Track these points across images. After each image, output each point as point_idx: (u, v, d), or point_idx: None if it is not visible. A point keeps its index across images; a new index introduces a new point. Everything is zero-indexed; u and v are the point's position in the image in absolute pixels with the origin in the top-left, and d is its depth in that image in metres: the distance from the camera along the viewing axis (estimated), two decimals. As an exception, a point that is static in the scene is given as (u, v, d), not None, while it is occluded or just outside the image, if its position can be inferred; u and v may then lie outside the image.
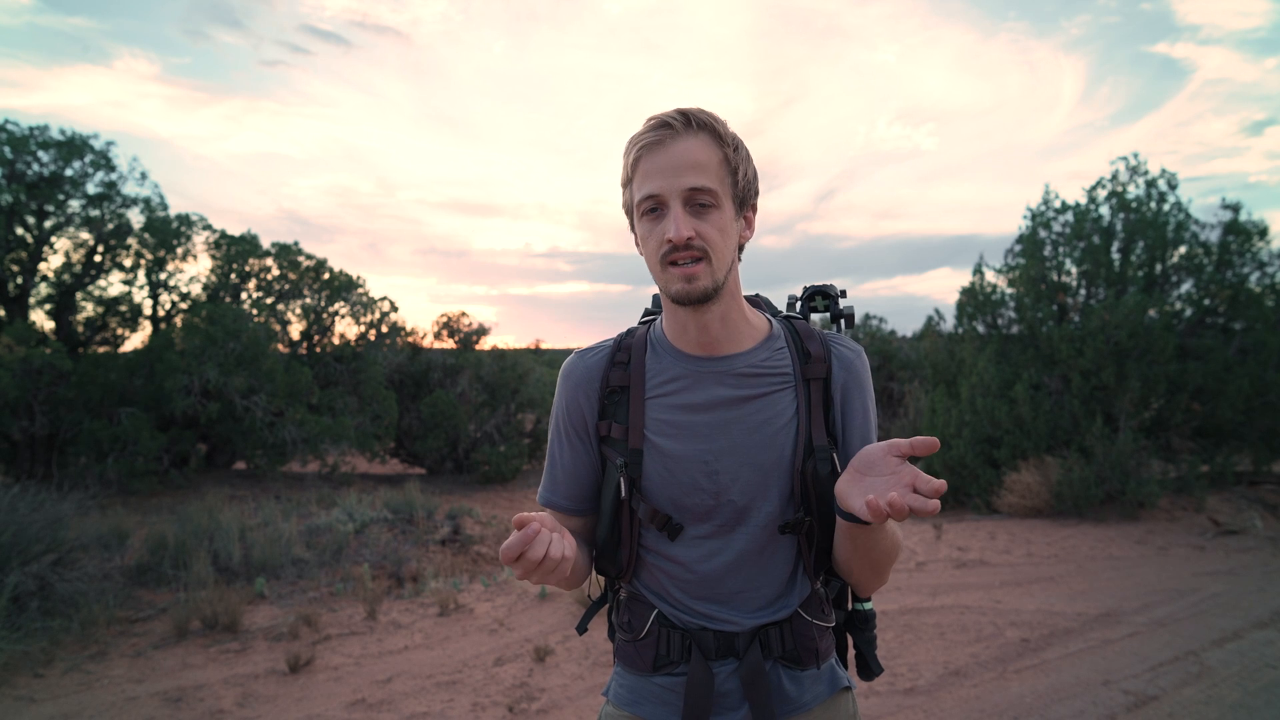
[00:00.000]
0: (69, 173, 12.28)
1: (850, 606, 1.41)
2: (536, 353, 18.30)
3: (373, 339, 14.62)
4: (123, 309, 13.45)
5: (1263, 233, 9.65)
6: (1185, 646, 4.53)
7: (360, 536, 7.68)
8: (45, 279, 12.60)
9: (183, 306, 13.66)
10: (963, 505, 9.96)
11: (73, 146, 12.18)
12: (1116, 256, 10.00)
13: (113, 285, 13.37)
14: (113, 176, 12.70)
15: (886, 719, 3.76)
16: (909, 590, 5.89)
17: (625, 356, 1.32)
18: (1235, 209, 9.76)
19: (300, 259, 14.17)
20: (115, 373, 11.58)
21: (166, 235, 13.10)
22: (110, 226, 12.74)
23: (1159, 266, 9.87)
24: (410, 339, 15.65)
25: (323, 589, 6.31)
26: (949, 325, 11.30)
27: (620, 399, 1.30)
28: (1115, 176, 10.20)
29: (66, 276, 12.73)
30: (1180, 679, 4.08)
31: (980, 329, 10.62)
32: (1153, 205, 9.96)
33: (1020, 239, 10.54)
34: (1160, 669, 4.22)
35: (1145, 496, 8.36)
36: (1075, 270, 10.14)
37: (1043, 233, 10.38)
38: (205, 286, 13.93)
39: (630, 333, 1.37)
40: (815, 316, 1.47)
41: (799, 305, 1.47)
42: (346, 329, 14.68)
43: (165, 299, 13.83)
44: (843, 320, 1.46)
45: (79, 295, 13.03)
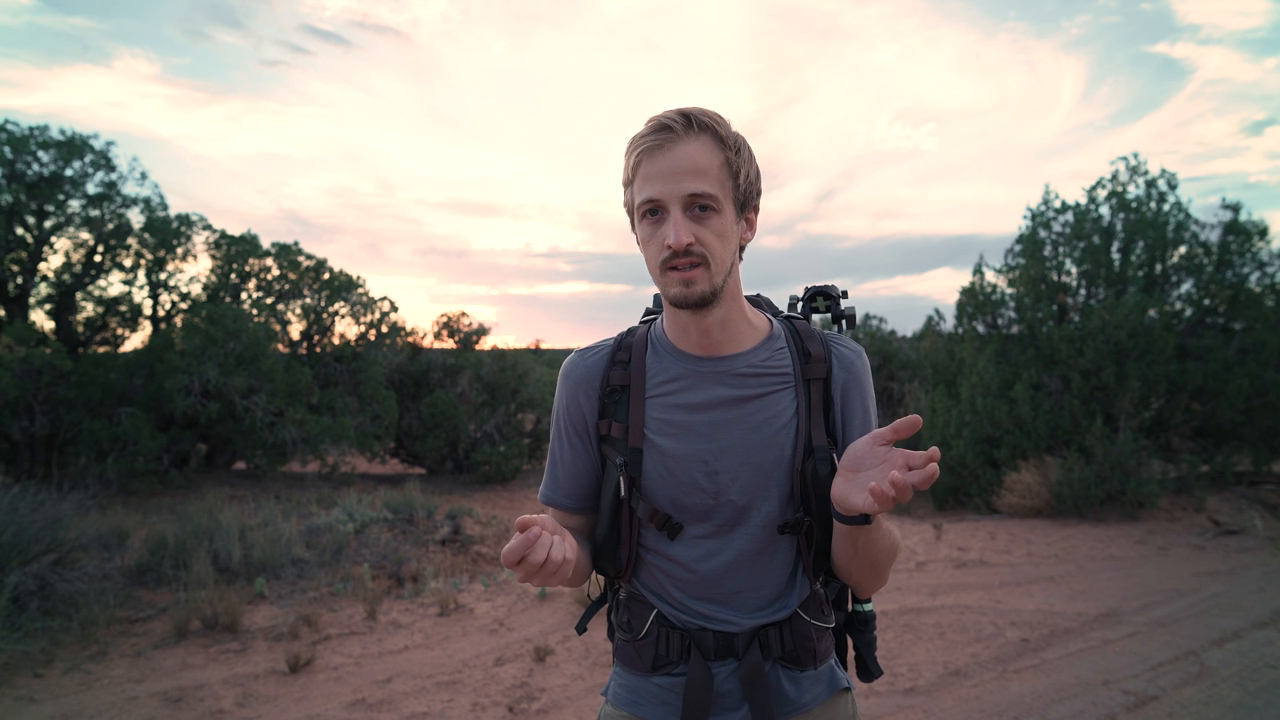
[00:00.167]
0: (69, 173, 12.29)
1: (850, 608, 1.41)
2: (536, 353, 18.29)
3: (373, 339, 14.62)
4: (123, 309, 13.45)
5: (1263, 233, 9.66)
6: (1185, 646, 4.53)
7: (360, 536, 7.68)
8: (45, 279, 12.60)
9: (183, 306, 13.67)
10: (963, 505, 9.95)
11: (73, 146, 12.18)
12: (1116, 256, 10.00)
13: (113, 285, 13.39)
14: (113, 176, 12.71)
15: (886, 719, 3.75)
16: (909, 590, 5.89)
17: (626, 356, 1.32)
18: (1235, 209, 9.76)
19: (300, 259, 14.18)
20: (115, 373, 11.58)
21: (166, 235, 13.10)
22: (110, 226, 12.74)
23: (1159, 266, 9.87)
24: (410, 339, 15.65)
25: (323, 589, 6.31)
26: (949, 325, 11.31)
27: (620, 398, 1.30)
28: (1115, 176, 10.21)
29: (66, 276, 12.74)
30: (1180, 679, 4.08)
31: (980, 329, 10.63)
32: (1153, 205, 9.96)
33: (1020, 239, 10.54)
34: (1160, 669, 4.22)
35: (1145, 496, 8.37)
36: (1075, 270, 10.14)
37: (1043, 233, 10.38)
38: (205, 286, 13.93)
39: (631, 332, 1.37)
40: (816, 317, 1.47)
41: (800, 306, 1.47)
42: (346, 329, 14.70)
43: (165, 299, 13.84)
44: (844, 321, 1.46)
45: (79, 295, 13.03)
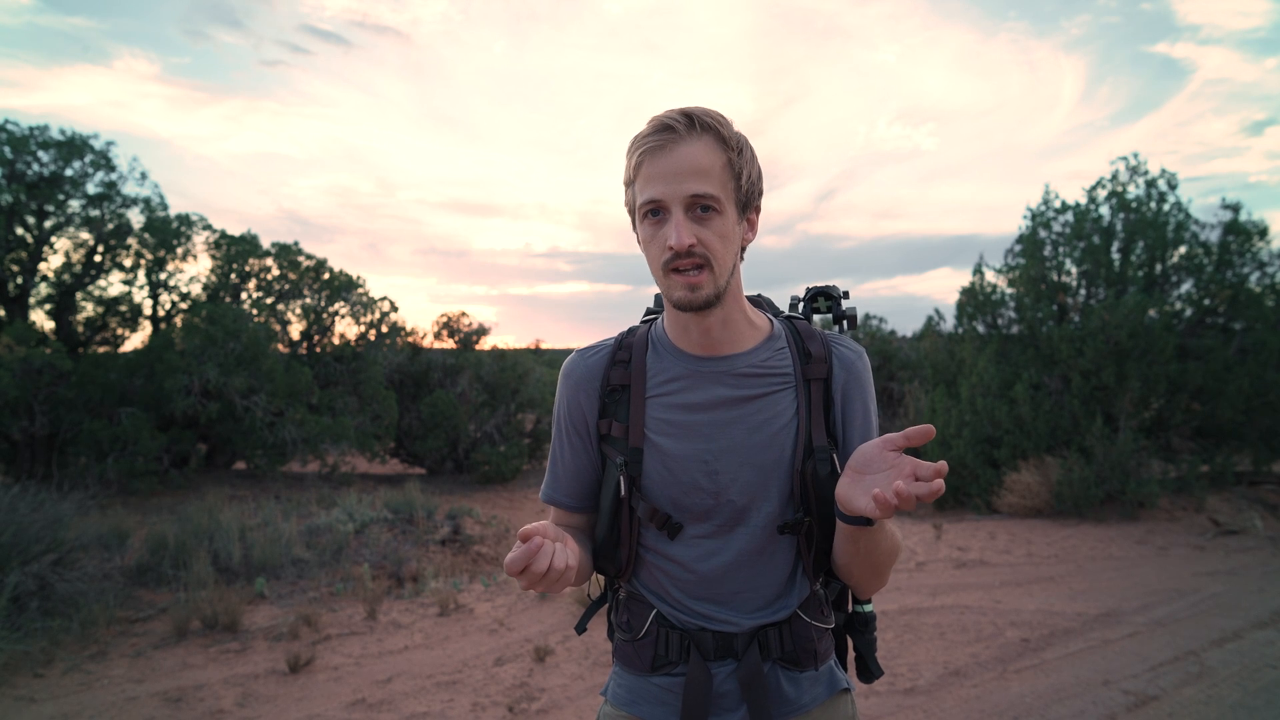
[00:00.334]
0: (69, 173, 12.28)
1: (850, 609, 1.41)
2: (536, 353, 18.29)
3: (373, 339, 14.61)
4: (123, 309, 13.45)
5: (1263, 233, 9.65)
6: (1185, 646, 4.53)
7: (360, 536, 7.68)
8: (45, 279, 12.60)
9: (183, 306, 13.66)
10: (963, 505, 9.95)
11: (73, 146, 12.18)
12: (1116, 256, 10.00)
13: (113, 285, 13.38)
14: (113, 176, 12.70)
15: (886, 719, 3.75)
16: (909, 590, 5.89)
17: (626, 355, 1.32)
18: (1235, 209, 9.76)
19: (300, 259, 14.17)
20: (115, 373, 11.58)
21: (166, 235, 13.10)
22: (110, 226, 12.74)
23: (1159, 266, 9.87)
24: (410, 339, 15.65)
25: (323, 589, 6.31)
26: (949, 325, 11.30)
27: (621, 398, 1.30)
28: (1115, 176, 10.20)
29: (66, 276, 12.73)
30: (1180, 679, 4.08)
31: (980, 329, 10.62)
32: (1153, 205, 9.96)
33: (1020, 239, 10.54)
34: (1160, 669, 4.22)
35: (1145, 496, 8.36)
36: (1075, 270, 10.14)
37: (1043, 233, 10.38)
38: (205, 286, 13.93)
39: (631, 332, 1.37)
40: (817, 318, 1.47)
41: (801, 306, 1.47)
42: (346, 329, 14.69)
43: (165, 299, 13.83)
44: (845, 321, 1.46)
45: (79, 295, 13.02)
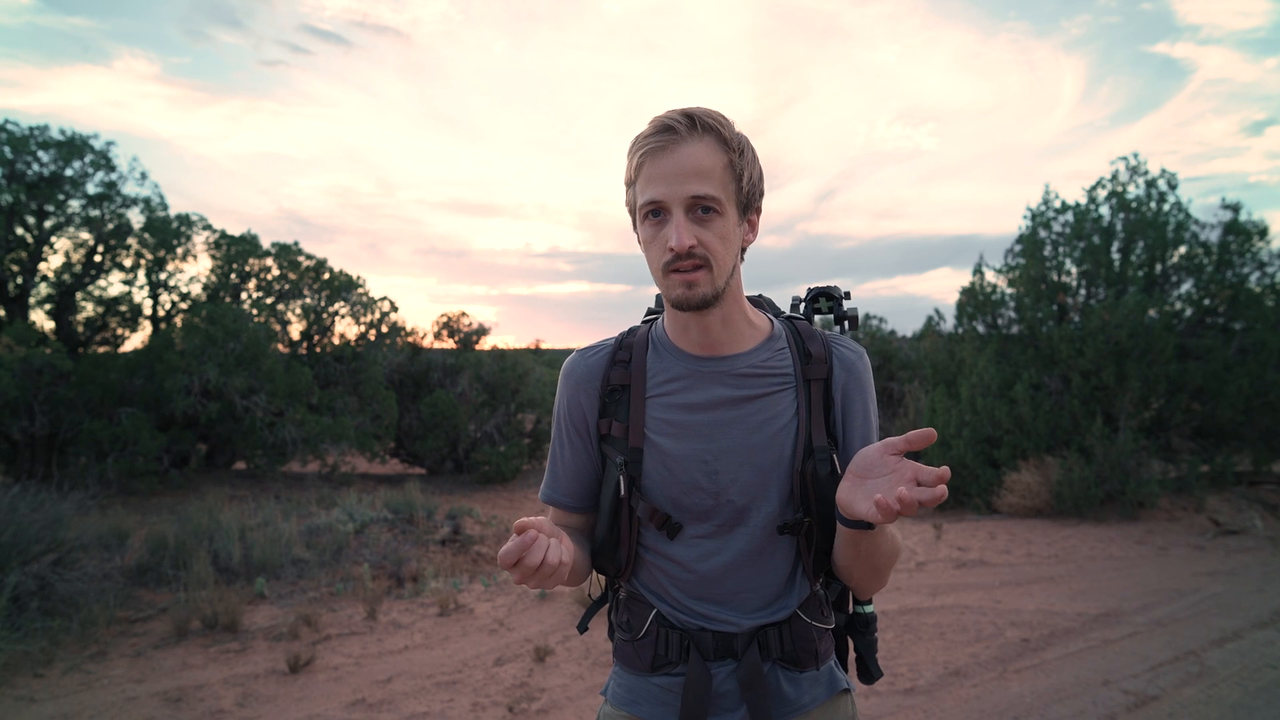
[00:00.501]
0: (69, 173, 12.28)
1: (851, 609, 1.41)
2: (536, 353, 18.29)
3: (373, 339, 14.62)
4: (123, 309, 13.45)
5: (1263, 233, 9.65)
6: (1185, 646, 4.53)
7: (360, 536, 7.68)
8: (45, 279, 12.60)
9: (183, 306, 13.67)
10: (963, 505, 9.95)
11: (73, 146, 12.18)
12: (1116, 256, 10.00)
13: (113, 285, 13.39)
14: (113, 176, 12.70)
15: (886, 719, 3.75)
16: (909, 590, 5.89)
17: (626, 355, 1.32)
18: (1235, 209, 9.75)
19: (300, 259, 14.17)
20: (115, 373, 11.58)
21: (166, 235, 13.10)
22: (110, 226, 12.74)
23: (1159, 266, 9.87)
24: (410, 339, 15.65)
25: (323, 589, 6.31)
26: (949, 325, 11.30)
27: (621, 397, 1.30)
28: (1115, 176, 10.20)
29: (66, 276, 12.73)
30: (1180, 679, 4.08)
31: (980, 329, 10.62)
32: (1153, 205, 9.96)
33: (1020, 239, 10.53)
34: (1160, 669, 4.22)
35: (1145, 496, 8.36)
36: (1075, 270, 10.13)
37: (1043, 233, 10.38)
38: (205, 286, 13.93)
39: (632, 332, 1.37)
40: (818, 318, 1.47)
41: (802, 306, 1.47)
42: (346, 329, 14.69)
43: (165, 299, 13.83)
44: (846, 322, 1.46)
45: (79, 295, 13.03)
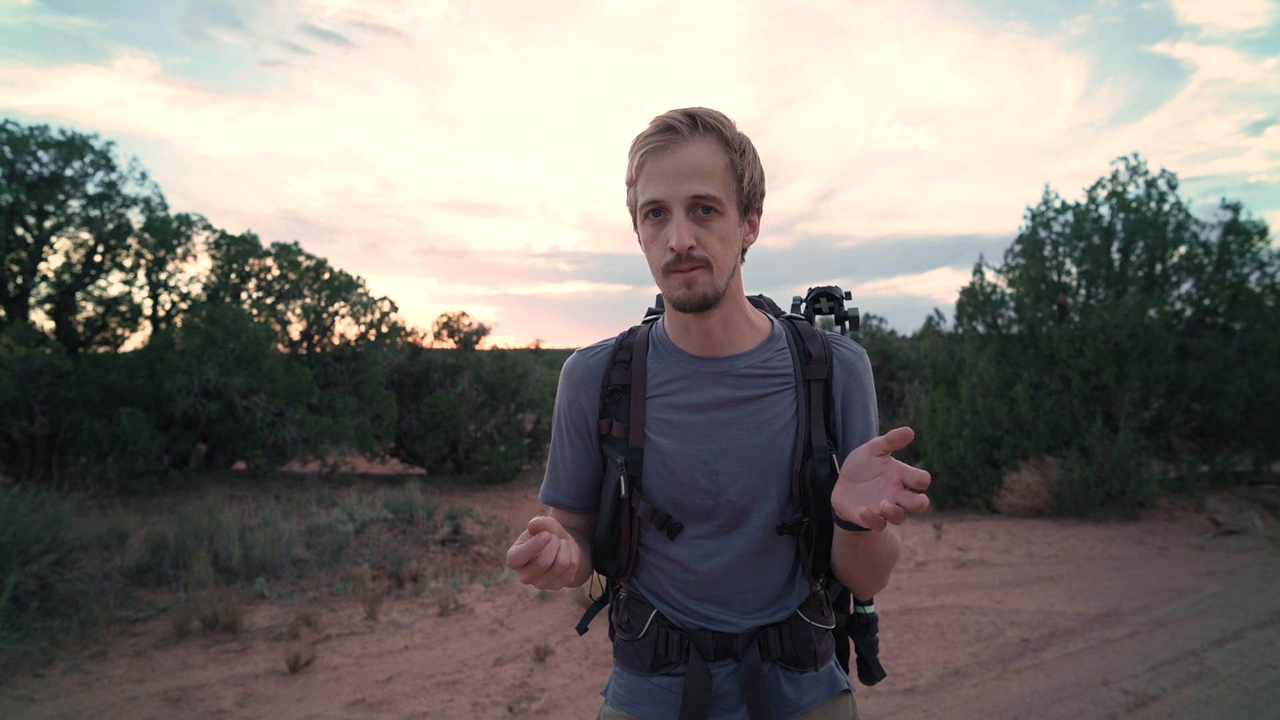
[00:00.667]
0: (69, 173, 12.28)
1: (852, 610, 1.41)
2: (536, 353, 18.30)
3: (373, 339, 14.62)
4: (123, 309, 13.45)
5: (1263, 233, 9.64)
6: (1185, 646, 4.53)
7: (360, 536, 7.68)
8: (45, 279, 12.60)
9: (183, 306, 13.67)
10: (963, 505, 9.95)
11: (73, 146, 12.18)
12: (1116, 256, 9.99)
13: (113, 285, 13.40)
14: (113, 176, 12.71)
15: (886, 719, 3.76)
16: (909, 590, 5.89)
17: (627, 355, 1.32)
18: (1235, 209, 9.75)
19: (300, 259, 14.18)
20: (115, 373, 11.58)
21: (166, 235, 13.10)
22: (110, 226, 12.74)
23: (1159, 266, 9.87)
24: (410, 339, 15.65)
25: (323, 589, 6.31)
26: (949, 325, 11.29)
27: (621, 398, 1.30)
28: (1115, 176, 10.20)
29: (66, 276, 12.73)
30: (1180, 679, 4.08)
31: (980, 329, 10.62)
32: (1153, 205, 9.95)
33: (1020, 239, 10.53)
34: (1160, 669, 4.21)
35: (1145, 496, 8.36)
36: (1075, 270, 10.13)
37: (1043, 233, 10.37)
38: (205, 286, 13.93)
39: (632, 332, 1.37)
40: (819, 318, 1.47)
41: (803, 307, 1.47)
42: (346, 329, 14.70)
43: (165, 299, 13.84)
44: (847, 322, 1.46)
45: (79, 295, 13.03)
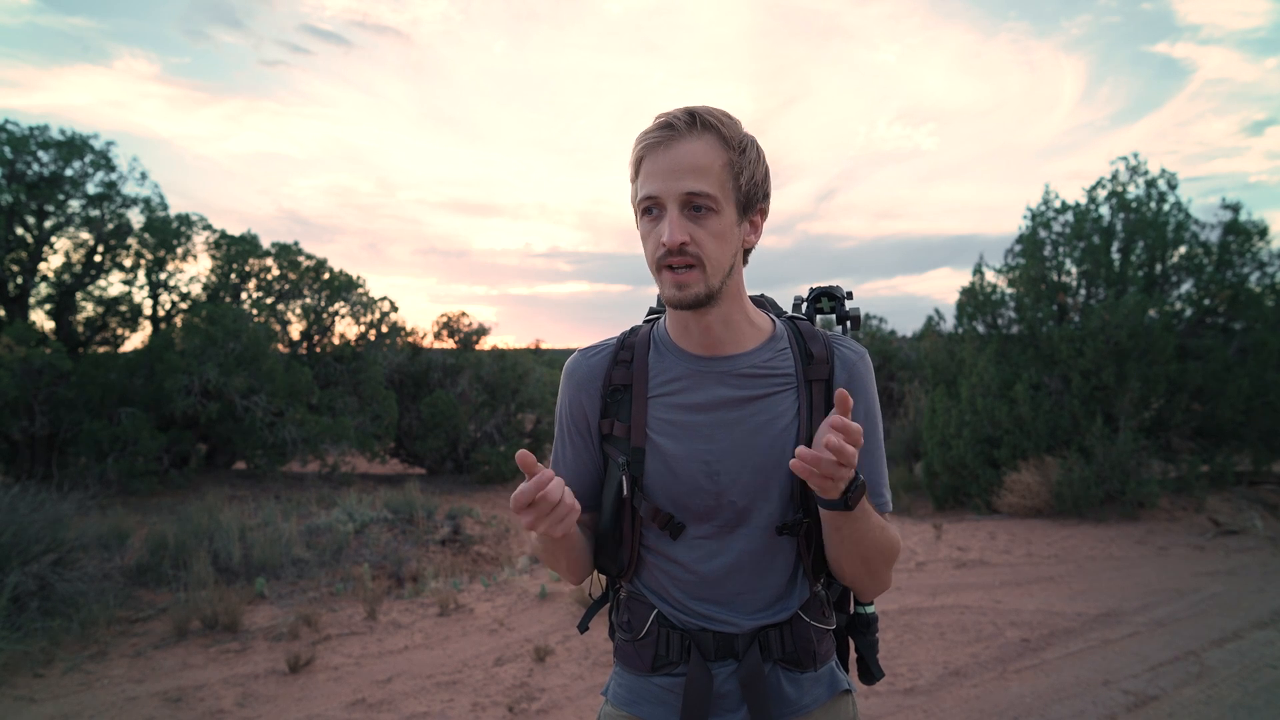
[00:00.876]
0: (69, 173, 12.28)
1: (852, 610, 1.41)
2: (536, 353, 18.29)
3: (373, 339, 14.62)
4: (123, 309, 13.45)
5: (1263, 233, 9.65)
6: (1185, 646, 4.53)
7: (360, 536, 7.68)
8: (45, 279, 12.60)
9: (183, 306, 13.67)
10: (963, 505, 9.95)
11: (73, 146, 12.18)
12: (1116, 256, 9.99)
13: (113, 285, 13.39)
14: (113, 176, 12.70)
15: (886, 719, 3.76)
16: (909, 590, 5.89)
17: (628, 355, 1.32)
18: (1235, 209, 9.75)
19: (300, 259, 14.17)
20: (115, 373, 11.58)
21: (166, 235, 13.10)
22: (110, 226, 12.74)
23: (1159, 266, 9.87)
24: (410, 339, 15.65)
25: (323, 589, 6.31)
26: (949, 325, 11.29)
27: (623, 397, 1.30)
28: (1115, 176, 10.20)
29: (66, 276, 12.73)
30: (1180, 679, 4.08)
31: (980, 329, 10.62)
32: (1153, 205, 9.96)
33: (1020, 239, 10.53)
34: (1160, 669, 4.22)
35: (1145, 496, 8.36)
36: (1075, 270, 10.13)
37: (1043, 233, 10.37)
38: (205, 286, 13.93)
39: (634, 331, 1.37)
40: (820, 318, 1.47)
41: (804, 307, 1.47)
42: (346, 329, 14.70)
43: (165, 299, 13.83)
44: (848, 322, 1.46)
45: (79, 295, 13.02)
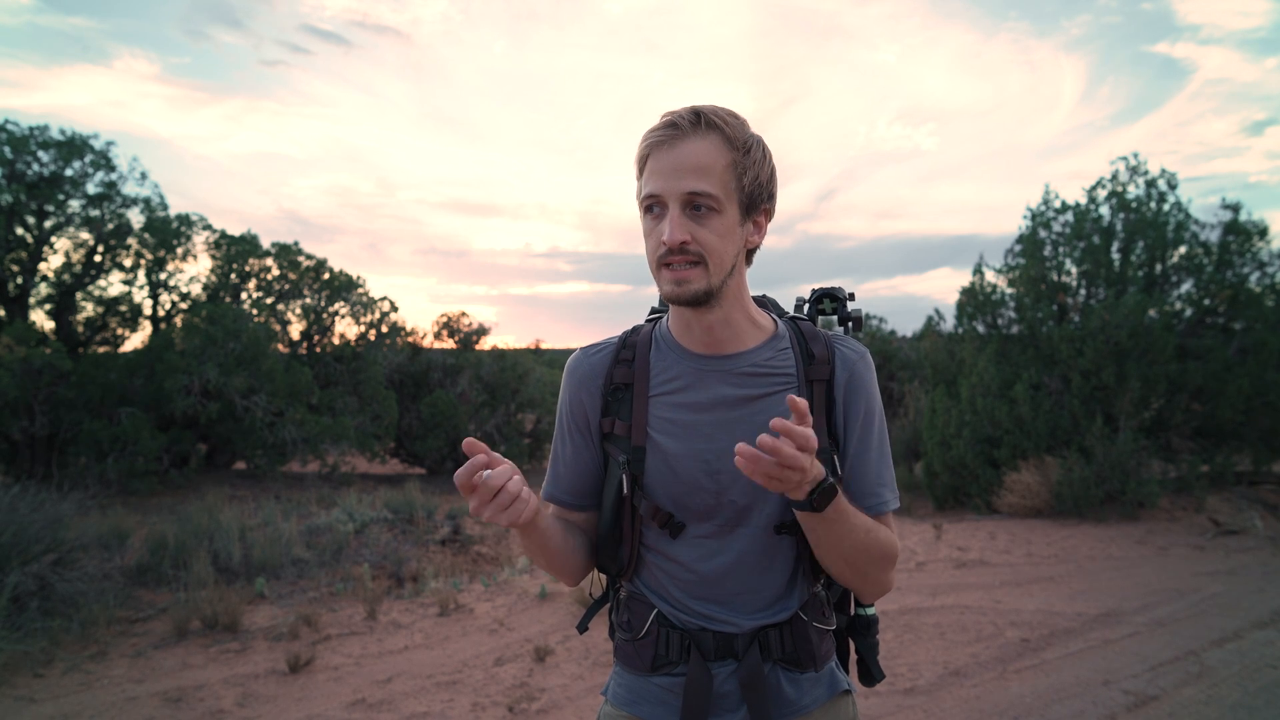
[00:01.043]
0: (69, 173, 12.28)
1: (853, 612, 1.41)
2: (536, 353, 18.30)
3: (373, 339, 14.62)
4: (123, 309, 13.45)
5: (1263, 233, 9.65)
6: (1185, 646, 4.53)
7: (360, 536, 7.68)
8: (45, 279, 12.60)
9: (183, 306, 13.67)
10: (963, 505, 9.95)
11: (73, 146, 12.18)
12: (1116, 256, 9.99)
13: (113, 285, 13.40)
14: (113, 176, 12.71)
15: (886, 719, 3.76)
16: (909, 590, 5.89)
17: (630, 354, 1.32)
18: (1235, 209, 9.75)
19: (300, 259, 14.18)
20: (115, 373, 11.58)
21: (166, 235, 13.10)
22: (110, 226, 12.74)
23: (1159, 266, 9.87)
24: (410, 339, 15.66)
25: (323, 589, 6.31)
26: (949, 325, 11.29)
27: (624, 396, 1.30)
28: (1115, 176, 10.20)
29: (66, 276, 12.73)
30: (1180, 679, 4.08)
31: (980, 329, 10.61)
32: (1153, 205, 9.95)
33: (1020, 239, 10.53)
34: (1160, 669, 4.21)
35: (1145, 496, 8.36)
36: (1075, 270, 10.13)
37: (1043, 233, 10.37)
38: (205, 286, 13.93)
39: (636, 330, 1.37)
40: (821, 319, 1.47)
41: (806, 307, 1.47)
42: (346, 329, 14.71)
43: (165, 299, 13.84)
44: (850, 323, 1.46)
45: (79, 295, 13.03)
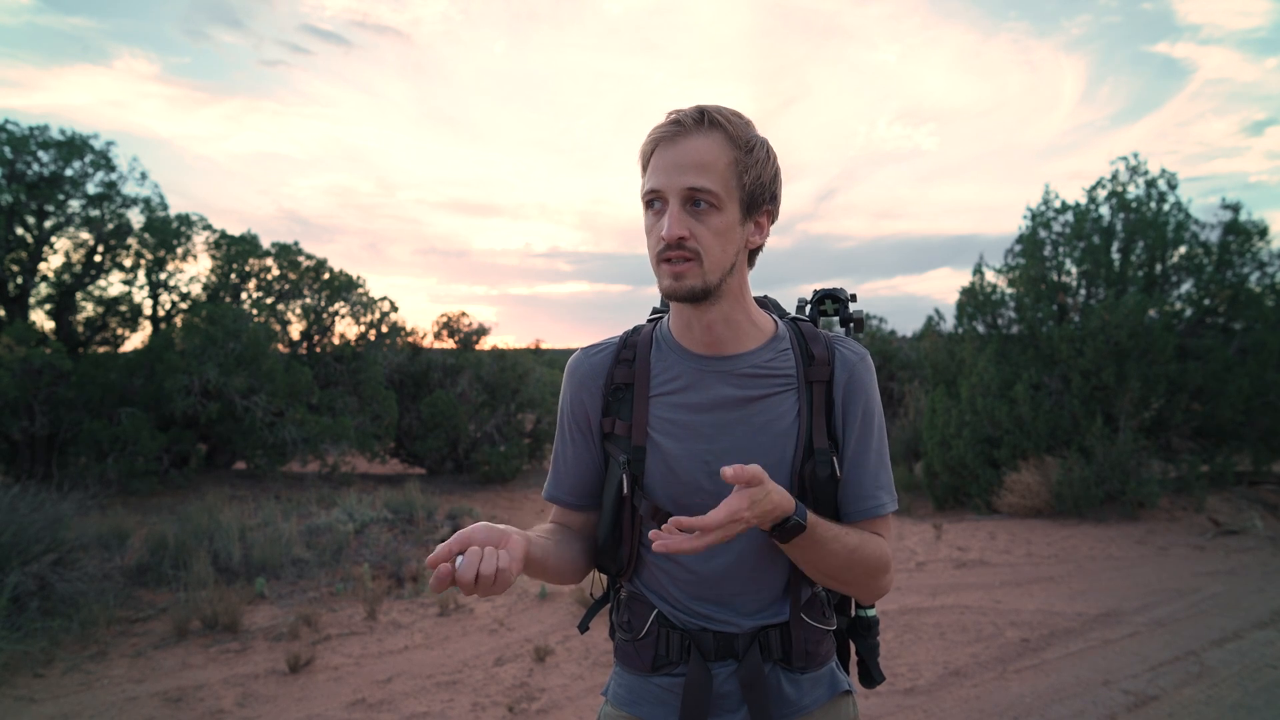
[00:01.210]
0: (69, 173, 12.27)
1: (853, 613, 1.41)
2: (536, 353, 18.28)
3: (373, 339, 14.61)
4: (123, 309, 13.44)
5: (1263, 233, 9.65)
6: (1185, 646, 4.53)
7: (360, 536, 7.68)
8: (45, 279, 12.58)
9: (183, 306, 13.66)
10: (963, 505, 9.96)
11: (73, 146, 12.17)
12: (1116, 256, 9.99)
13: (113, 285, 13.36)
14: (113, 176, 12.69)
15: (886, 719, 3.76)
16: (909, 590, 5.89)
17: (630, 354, 1.32)
18: (1235, 209, 9.75)
19: (300, 259, 14.17)
20: (115, 373, 11.57)
21: (166, 235, 13.09)
22: (110, 226, 12.73)
23: (1159, 266, 9.87)
24: (410, 339, 15.64)
25: (323, 589, 6.31)
26: (949, 325, 11.30)
27: (624, 396, 1.30)
28: (1115, 176, 10.20)
29: (66, 276, 12.72)
30: (1180, 679, 4.08)
31: (980, 329, 10.62)
32: (1153, 205, 9.95)
33: (1020, 239, 10.53)
34: (1160, 669, 4.22)
35: (1145, 496, 8.36)
36: (1075, 270, 10.13)
37: (1043, 233, 10.37)
38: (205, 286, 13.92)
39: (636, 330, 1.38)
40: (823, 320, 1.47)
41: (808, 308, 1.47)
42: (346, 329, 14.68)
43: (165, 299, 13.82)
44: (851, 324, 1.46)
45: (79, 295, 13.01)
